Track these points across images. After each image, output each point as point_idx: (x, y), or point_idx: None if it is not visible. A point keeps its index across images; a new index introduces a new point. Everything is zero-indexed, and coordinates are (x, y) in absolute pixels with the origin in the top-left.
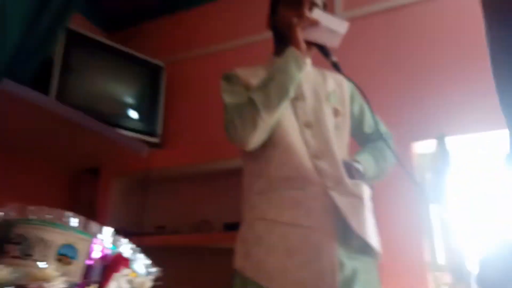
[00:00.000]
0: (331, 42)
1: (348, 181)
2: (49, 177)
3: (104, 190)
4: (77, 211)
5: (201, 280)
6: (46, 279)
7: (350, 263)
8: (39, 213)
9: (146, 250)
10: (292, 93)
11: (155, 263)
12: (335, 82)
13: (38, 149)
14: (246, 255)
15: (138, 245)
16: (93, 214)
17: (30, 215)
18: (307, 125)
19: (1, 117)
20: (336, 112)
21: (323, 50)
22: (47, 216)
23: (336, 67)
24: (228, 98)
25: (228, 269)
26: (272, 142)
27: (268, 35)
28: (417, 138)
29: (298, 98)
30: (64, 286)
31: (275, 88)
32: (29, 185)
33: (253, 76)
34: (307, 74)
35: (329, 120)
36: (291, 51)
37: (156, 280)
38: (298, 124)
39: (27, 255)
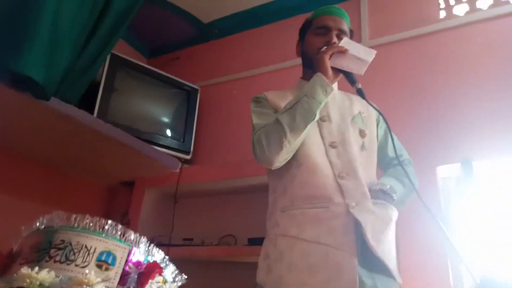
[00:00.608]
0: (358, 70)
1: (371, 201)
2: (89, 189)
3: (137, 201)
4: (113, 221)
5: None
6: (88, 284)
7: (370, 282)
8: (81, 221)
9: (174, 261)
10: (317, 116)
11: (182, 273)
12: (361, 105)
13: (80, 163)
14: (268, 271)
15: (166, 255)
16: (127, 224)
17: (73, 223)
18: (332, 145)
19: (48, 133)
20: (362, 133)
21: (349, 77)
22: (90, 224)
23: (360, 93)
24: (256, 119)
25: (251, 282)
26: (296, 161)
27: (297, 61)
28: (442, 162)
29: (324, 119)
30: None
31: (301, 111)
32: (70, 195)
33: (282, 98)
34: (333, 96)
35: (355, 141)
36: (318, 77)
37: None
38: (324, 144)
39: (69, 260)
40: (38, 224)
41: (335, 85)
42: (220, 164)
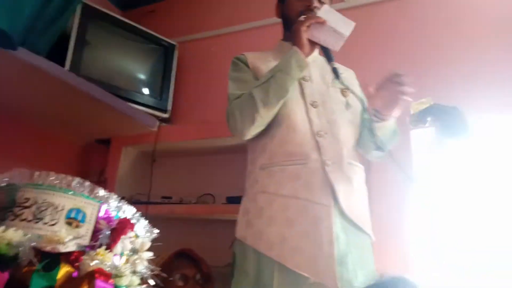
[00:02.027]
0: (334, 45)
1: (346, 161)
2: (62, 146)
3: (114, 159)
4: (89, 179)
5: (203, 248)
6: (59, 242)
7: (345, 236)
8: (46, 178)
9: (153, 218)
10: (290, 92)
11: (161, 231)
12: (342, 68)
13: (52, 118)
14: (247, 225)
15: (145, 213)
16: (104, 183)
17: (37, 180)
18: (313, 104)
19: (15, 84)
20: (343, 92)
21: (326, 52)
22: (55, 182)
23: (335, 72)
24: (232, 87)
25: (229, 239)
26: (276, 120)
27: (279, 19)
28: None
29: (306, 79)
30: (75, 248)
31: (274, 86)
32: (42, 153)
33: (262, 61)
34: (314, 59)
35: (337, 101)
36: (294, 51)
37: (154, 241)
38: (304, 103)
39: (37, 218)
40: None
41: (316, 52)
42: (199, 124)
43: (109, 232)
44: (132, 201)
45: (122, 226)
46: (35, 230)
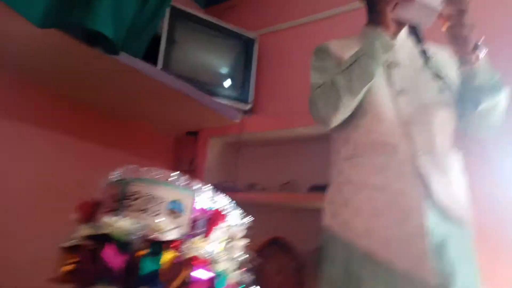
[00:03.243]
0: (425, 21)
1: (440, 151)
2: (158, 139)
3: (202, 150)
4: (180, 169)
5: (286, 235)
6: (163, 230)
7: (440, 230)
8: (149, 173)
9: (238, 205)
10: (376, 78)
11: (246, 216)
12: (434, 48)
13: (148, 114)
14: (333, 215)
15: (232, 199)
16: (193, 171)
17: (143, 175)
18: (402, 92)
19: (117, 86)
20: (436, 76)
21: (415, 33)
22: (157, 176)
23: (425, 55)
24: (314, 77)
25: (311, 227)
26: (361, 109)
27: (361, 4)
28: None
29: (392, 65)
30: (175, 236)
31: (358, 72)
32: (141, 145)
33: (346, 48)
34: (401, 41)
35: (429, 85)
36: (378, 34)
37: (248, 229)
38: (391, 92)
39: (143, 209)
40: (114, 176)
41: (404, 31)
42: (280, 114)
43: (204, 221)
44: (219, 189)
45: (215, 217)
46: (142, 220)
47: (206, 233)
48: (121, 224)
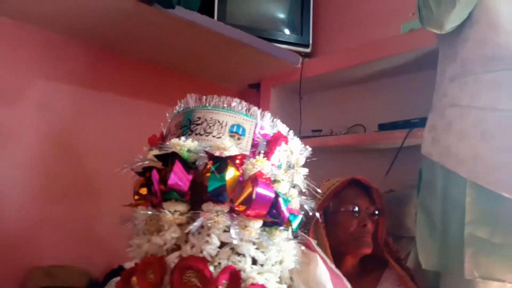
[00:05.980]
0: None
1: None
2: (220, 93)
3: (264, 100)
4: None
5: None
6: (225, 149)
7: None
8: (211, 100)
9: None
10: None
11: (314, 162)
12: None
13: (209, 70)
14: (434, 141)
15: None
16: None
17: (205, 103)
18: None
19: (177, 42)
20: None
21: None
22: (219, 103)
23: None
24: None
25: (382, 168)
26: (471, 18)
27: None
28: None
29: None
30: (238, 152)
31: None
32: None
33: None
34: None
35: None
36: None
37: (308, 158)
38: None
39: (207, 132)
40: (177, 108)
41: None
42: (342, 52)
43: (266, 143)
44: None
45: (277, 138)
46: (206, 142)
47: (268, 153)
48: (187, 143)
